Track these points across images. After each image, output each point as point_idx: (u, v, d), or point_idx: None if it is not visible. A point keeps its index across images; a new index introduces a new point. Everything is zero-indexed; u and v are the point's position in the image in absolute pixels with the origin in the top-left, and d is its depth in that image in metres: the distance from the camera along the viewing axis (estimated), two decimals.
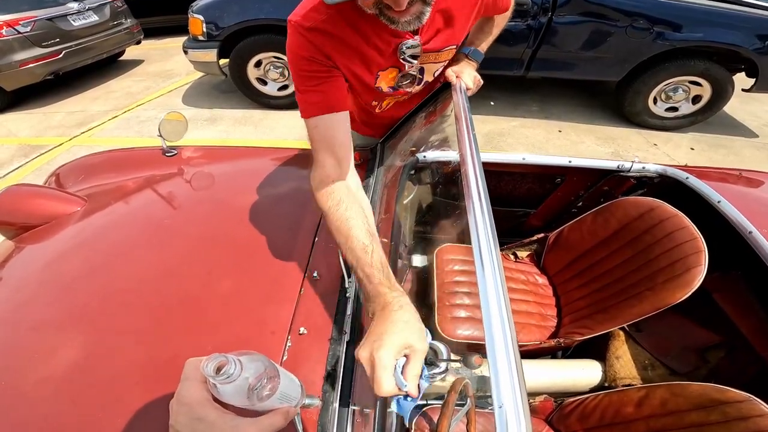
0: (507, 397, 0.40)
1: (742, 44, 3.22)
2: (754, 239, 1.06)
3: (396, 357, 0.54)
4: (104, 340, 0.83)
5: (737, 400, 0.85)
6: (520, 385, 0.41)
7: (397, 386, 0.53)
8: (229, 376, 0.38)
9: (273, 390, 0.44)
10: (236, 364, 0.39)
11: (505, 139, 3.62)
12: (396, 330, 0.56)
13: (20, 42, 4.01)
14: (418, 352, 0.55)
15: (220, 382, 0.38)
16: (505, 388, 0.40)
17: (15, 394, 0.75)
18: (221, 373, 0.38)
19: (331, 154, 0.82)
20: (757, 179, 1.42)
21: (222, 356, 0.39)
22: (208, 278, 0.92)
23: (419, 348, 0.55)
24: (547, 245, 1.56)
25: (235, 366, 0.38)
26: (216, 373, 0.38)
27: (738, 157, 3.49)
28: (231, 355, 0.40)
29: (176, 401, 0.42)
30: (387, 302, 0.61)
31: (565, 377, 1.29)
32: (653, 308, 1.09)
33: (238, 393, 0.40)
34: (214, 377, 0.38)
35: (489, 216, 0.61)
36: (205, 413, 0.40)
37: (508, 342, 0.43)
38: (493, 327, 0.45)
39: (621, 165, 1.40)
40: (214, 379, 0.38)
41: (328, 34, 0.77)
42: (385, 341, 0.54)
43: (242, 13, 3.49)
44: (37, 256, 1.13)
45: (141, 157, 1.49)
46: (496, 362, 0.42)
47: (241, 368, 0.39)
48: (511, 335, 0.44)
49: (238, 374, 0.38)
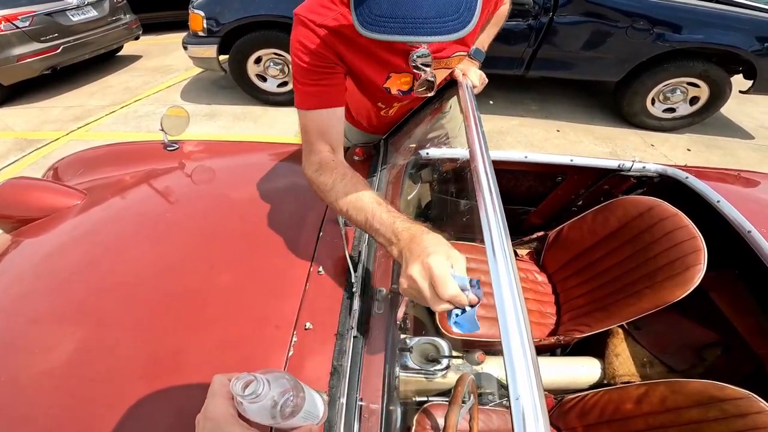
0: (524, 390, 0.40)
1: (741, 46, 3.26)
2: (752, 238, 1.07)
3: (449, 264, 0.55)
4: (106, 333, 0.83)
5: (736, 397, 0.86)
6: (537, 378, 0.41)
7: (461, 288, 0.53)
8: (257, 396, 0.39)
9: (297, 408, 0.45)
10: (264, 384, 0.40)
11: (504, 137, 3.64)
12: (436, 243, 0.59)
13: (19, 37, 3.99)
14: (460, 260, 0.57)
15: (248, 401, 0.40)
16: (522, 380, 0.41)
17: (15, 388, 0.75)
18: (249, 392, 0.39)
19: (326, 143, 0.84)
20: (755, 179, 1.44)
21: (251, 375, 0.40)
22: (211, 273, 0.91)
23: (460, 256, 0.57)
24: (547, 243, 1.57)
25: (262, 385, 0.40)
26: (243, 391, 0.39)
27: (734, 158, 3.53)
28: (259, 374, 0.41)
29: (203, 416, 0.43)
30: (413, 233, 0.64)
31: (565, 374, 1.30)
32: (652, 306, 1.10)
33: (264, 411, 0.42)
34: (242, 396, 0.39)
35: (500, 211, 0.62)
36: (230, 429, 0.42)
37: (523, 334, 0.44)
38: (508, 321, 0.46)
39: (622, 164, 1.41)
40: (242, 398, 0.39)
41: (339, 32, 0.77)
42: (432, 252, 0.56)
43: (243, 10, 3.49)
44: (36, 249, 1.12)
45: (142, 151, 1.48)
46: (512, 355, 0.43)
47: (268, 387, 0.40)
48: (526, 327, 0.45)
49: (265, 393, 0.40)
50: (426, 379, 1.08)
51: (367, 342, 0.77)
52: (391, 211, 0.71)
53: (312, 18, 0.77)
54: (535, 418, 0.39)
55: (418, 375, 1.06)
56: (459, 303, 0.56)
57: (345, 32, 0.77)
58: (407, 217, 0.70)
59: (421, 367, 1.05)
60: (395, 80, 0.91)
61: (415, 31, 0.55)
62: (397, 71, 0.88)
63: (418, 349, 1.09)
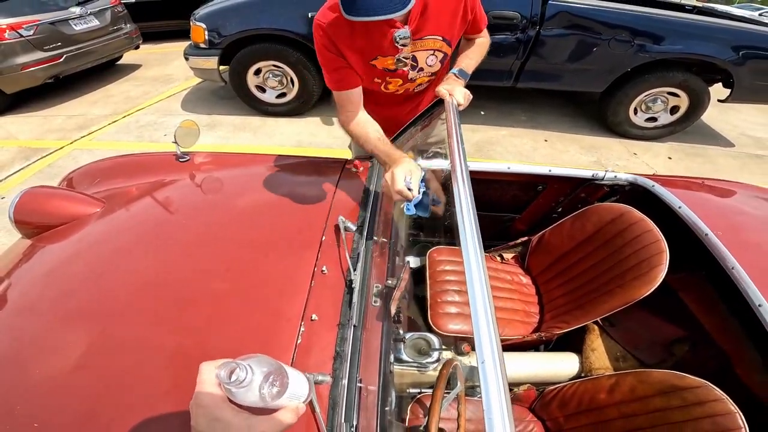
0: (487, 354, 0.50)
1: (718, 56, 3.37)
2: (709, 240, 1.17)
3: (405, 174, 1.01)
4: (136, 329, 0.91)
5: (694, 386, 0.94)
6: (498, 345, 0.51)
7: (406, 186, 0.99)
8: (241, 381, 0.41)
9: (283, 388, 0.47)
10: (246, 369, 0.42)
11: (494, 147, 3.75)
12: (404, 163, 1.07)
13: (23, 45, 4.06)
14: (416, 172, 1.04)
15: (235, 387, 0.42)
16: (486, 346, 0.51)
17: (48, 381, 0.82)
18: (234, 378, 0.41)
19: (348, 109, 1.24)
20: (718, 187, 1.55)
21: (233, 362, 0.42)
22: (228, 274, 1.02)
23: (417, 170, 1.04)
24: (531, 247, 1.67)
25: (245, 371, 0.42)
26: (229, 378, 0.41)
27: (714, 166, 3.65)
28: (240, 360, 0.43)
29: (195, 403, 0.44)
30: (396, 158, 1.11)
31: (547, 368, 1.39)
32: (622, 303, 1.20)
33: (251, 394, 0.43)
34: (228, 383, 0.41)
35: (475, 222, 0.71)
36: (221, 414, 0.43)
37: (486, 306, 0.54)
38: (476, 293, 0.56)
39: (595, 174, 1.53)
40: (228, 385, 0.41)
41: (337, 27, 1.08)
42: (398, 166, 1.05)
43: (244, 23, 3.58)
44: (64, 253, 1.18)
45: (155, 162, 1.56)
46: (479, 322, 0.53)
47: (252, 372, 0.42)
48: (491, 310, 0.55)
49: (249, 378, 0.42)
50: (419, 371, 1.17)
51: (365, 330, 0.87)
52: (386, 143, 1.18)
53: (320, 20, 1.10)
54: (497, 378, 0.49)
55: (411, 368, 1.16)
56: (405, 195, 1.00)
57: (342, 26, 1.07)
58: (397, 147, 1.17)
59: (414, 360, 1.16)
60: (382, 61, 1.18)
61: (374, 13, 0.92)
62: (383, 54, 1.16)
63: (411, 343, 1.19)
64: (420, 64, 1.23)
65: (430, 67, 1.27)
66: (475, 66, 1.34)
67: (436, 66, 1.28)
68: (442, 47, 1.22)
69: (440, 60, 1.27)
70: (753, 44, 3.36)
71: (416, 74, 1.27)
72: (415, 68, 1.24)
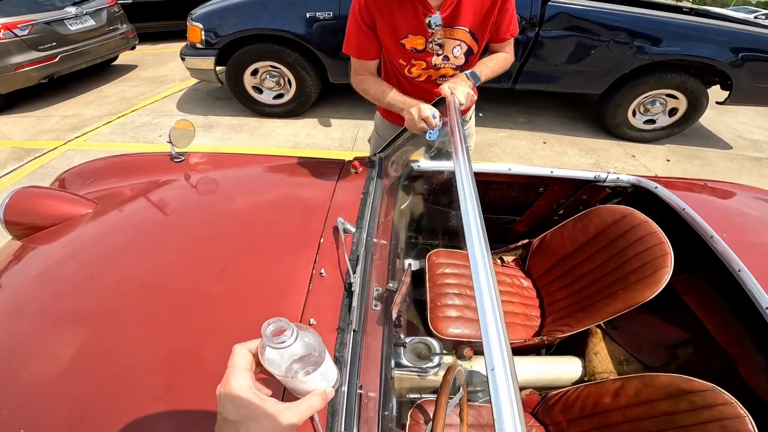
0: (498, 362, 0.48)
1: (716, 57, 3.38)
2: (714, 243, 1.16)
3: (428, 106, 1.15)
4: (127, 332, 0.89)
5: (702, 389, 0.92)
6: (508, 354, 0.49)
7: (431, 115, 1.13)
8: (283, 342, 0.40)
9: (316, 365, 0.45)
10: (294, 333, 0.41)
11: (492, 149, 3.74)
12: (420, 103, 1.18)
13: (17, 45, 4.03)
14: (432, 108, 1.15)
15: (274, 345, 0.41)
16: (496, 354, 0.49)
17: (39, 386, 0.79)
18: (278, 338, 0.40)
19: (363, 70, 1.35)
20: (720, 188, 1.55)
21: (284, 322, 0.41)
22: (224, 276, 0.99)
23: (432, 107, 1.15)
24: (531, 250, 1.65)
25: (292, 333, 0.41)
26: (271, 334, 0.40)
27: (712, 168, 3.66)
28: (293, 324, 0.42)
29: (222, 388, 0.44)
30: (411, 103, 1.21)
31: (549, 372, 1.37)
32: (626, 306, 1.18)
33: (283, 362, 0.43)
34: (269, 338, 0.40)
35: (481, 223, 0.70)
36: (248, 401, 0.43)
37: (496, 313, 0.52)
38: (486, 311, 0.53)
39: (597, 176, 1.51)
40: (268, 341, 0.40)
41: None
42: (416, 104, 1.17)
43: (241, 23, 3.56)
44: (52, 254, 1.16)
45: (149, 162, 1.53)
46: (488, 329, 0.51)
47: (295, 338, 0.41)
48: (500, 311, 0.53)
49: (291, 343, 0.41)
50: (419, 376, 1.14)
51: (366, 335, 0.84)
52: (398, 93, 1.29)
53: None
54: (508, 387, 0.46)
55: (411, 373, 1.13)
56: (430, 123, 1.13)
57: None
58: (409, 97, 1.28)
59: (414, 365, 1.13)
60: (411, 40, 1.25)
61: None
62: (414, 33, 1.23)
63: (411, 348, 1.16)
64: (446, 51, 1.29)
65: (455, 58, 1.31)
66: (490, 75, 1.34)
67: (460, 59, 1.31)
68: (468, 40, 1.27)
69: (465, 53, 1.30)
70: (752, 46, 3.37)
71: (441, 62, 1.31)
72: (440, 55, 1.29)
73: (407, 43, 1.26)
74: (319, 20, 3.45)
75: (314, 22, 3.47)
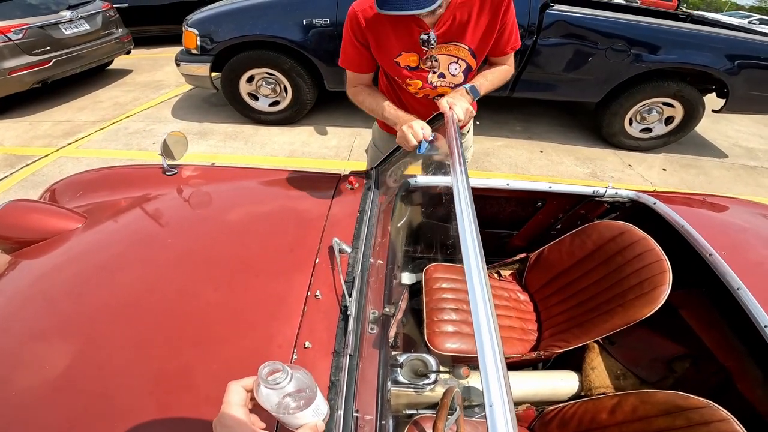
0: (496, 398, 0.47)
1: (714, 65, 3.39)
2: (713, 261, 1.16)
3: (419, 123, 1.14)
4: (114, 352, 0.86)
5: (699, 406, 0.92)
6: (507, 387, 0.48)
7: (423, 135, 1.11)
8: (278, 383, 0.44)
9: (308, 402, 0.48)
10: (288, 375, 0.44)
11: (489, 159, 3.73)
12: (410, 119, 1.18)
13: (10, 49, 3.98)
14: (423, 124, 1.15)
15: (267, 386, 0.44)
16: (495, 390, 0.48)
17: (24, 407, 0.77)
18: (273, 378, 0.44)
19: (357, 82, 1.36)
20: (719, 204, 1.54)
21: (279, 365, 0.44)
22: (215, 296, 0.96)
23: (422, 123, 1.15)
24: (529, 264, 1.65)
25: (286, 376, 0.44)
26: (267, 375, 0.44)
27: (708, 178, 3.67)
28: (288, 366, 0.45)
29: (219, 423, 0.46)
30: (404, 119, 1.20)
31: (546, 387, 1.36)
32: (624, 323, 1.18)
33: (275, 399, 0.45)
34: (264, 379, 0.43)
35: (478, 239, 0.69)
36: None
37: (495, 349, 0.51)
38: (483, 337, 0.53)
39: (596, 191, 1.51)
40: (264, 381, 0.43)
41: (369, 19, 1.17)
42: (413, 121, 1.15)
43: (237, 29, 3.54)
44: (40, 270, 1.14)
45: (141, 175, 1.51)
46: (486, 368, 0.50)
47: (289, 380, 0.44)
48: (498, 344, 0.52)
49: (285, 385, 0.44)
50: (415, 392, 1.13)
51: (362, 359, 0.83)
52: (393, 107, 1.28)
53: (357, 8, 1.18)
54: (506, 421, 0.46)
55: (408, 389, 1.12)
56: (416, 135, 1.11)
57: (374, 19, 1.16)
58: (403, 112, 1.26)
59: (410, 381, 1.12)
60: (405, 57, 1.24)
61: (402, 8, 0.99)
62: (407, 50, 1.22)
63: (407, 364, 1.15)
64: (441, 69, 1.27)
65: (453, 76, 1.29)
66: (489, 89, 1.31)
67: (459, 77, 1.30)
68: (466, 57, 1.25)
69: (463, 71, 1.28)
70: (748, 54, 3.40)
71: (437, 80, 1.30)
72: (436, 72, 1.28)
73: (401, 61, 1.25)
74: (316, 27, 3.43)
75: (311, 29, 3.45)
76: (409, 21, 1.15)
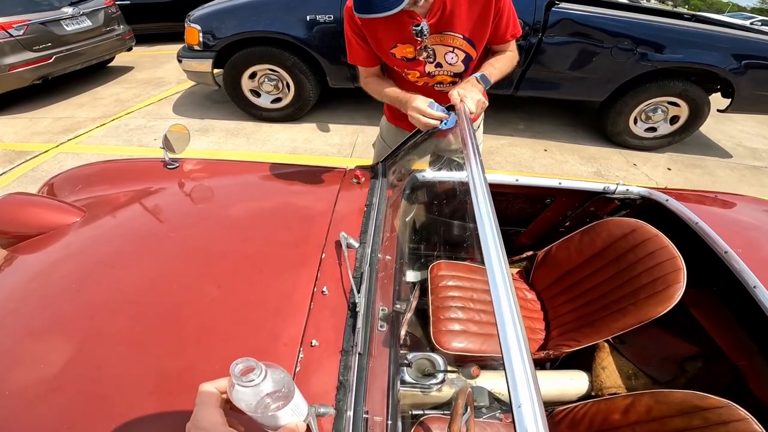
0: (524, 398, 0.44)
1: (719, 65, 3.36)
2: (729, 258, 1.13)
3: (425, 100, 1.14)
4: (115, 351, 0.84)
5: (717, 406, 0.90)
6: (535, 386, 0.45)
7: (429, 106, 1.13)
8: (252, 381, 0.41)
9: (285, 402, 0.46)
10: (262, 372, 0.42)
11: (493, 157, 3.70)
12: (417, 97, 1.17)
13: (12, 45, 3.96)
14: (428, 100, 1.15)
15: (242, 384, 0.41)
16: (523, 390, 0.45)
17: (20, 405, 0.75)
18: (246, 376, 0.41)
19: (366, 73, 1.39)
20: (731, 201, 1.52)
21: (253, 361, 0.42)
22: (218, 293, 0.93)
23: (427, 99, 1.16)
24: (536, 262, 1.62)
25: (260, 373, 0.41)
26: (240, 374, 0.41)
27: (712, 178, 3.64)
28: (262, 363, 0.42)
29: (193, 425, 0.44)
30: (410, 98, 1.19)
31: (555, 387, 1.34)
32: (636, 322, 1.16)
33: (252, 399, 0.43)
34: (238, 378, 0.41)
35: (498, 234, 0.66)
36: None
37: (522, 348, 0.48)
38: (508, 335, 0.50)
39: (606, 187, 1.48)
40: (237, 380, 0.41)
41: None
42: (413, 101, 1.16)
43: (240, 26, 3.51)
44: (37, 265, 1.11)
45: (142, 169, 1.49)
46: (513, 367, 0.47)
47: (264, 377, 0.42)
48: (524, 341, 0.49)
49: (259, 382, 0.41)
50: (422, 393, 1.11)
51: (371, 358, 0.80)
52: (395, 90, 1.30)
53: (348, 4, 1.16)
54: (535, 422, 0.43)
55: (414, 389, 1.09)
56: (430, 114, 1.12)
57: None
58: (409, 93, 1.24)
59: (417, 381, 1.09)
60: (401, 49, 1.25)
61: (371, 11, 1.00)
62: (402, 42, 1.22)
63: (414, 364, 1.12)
64: (438, 58, 1.26)
65: (450, 65, 1.28)
66: (498, 76, 1.29)
67: (458, 66, 1.29)
68: (463, 46, 1.23)
69: (462, 60, 1.27)
70: (754, 54, 3.36)
71: (434, 69, 1.29)
72: (433, 62, 1.27)
73: (397, 53, 1.25)
74: (320, 23, 3.40)
75: (314, 25, 3.42)
76: (400, 13, 1.07)
